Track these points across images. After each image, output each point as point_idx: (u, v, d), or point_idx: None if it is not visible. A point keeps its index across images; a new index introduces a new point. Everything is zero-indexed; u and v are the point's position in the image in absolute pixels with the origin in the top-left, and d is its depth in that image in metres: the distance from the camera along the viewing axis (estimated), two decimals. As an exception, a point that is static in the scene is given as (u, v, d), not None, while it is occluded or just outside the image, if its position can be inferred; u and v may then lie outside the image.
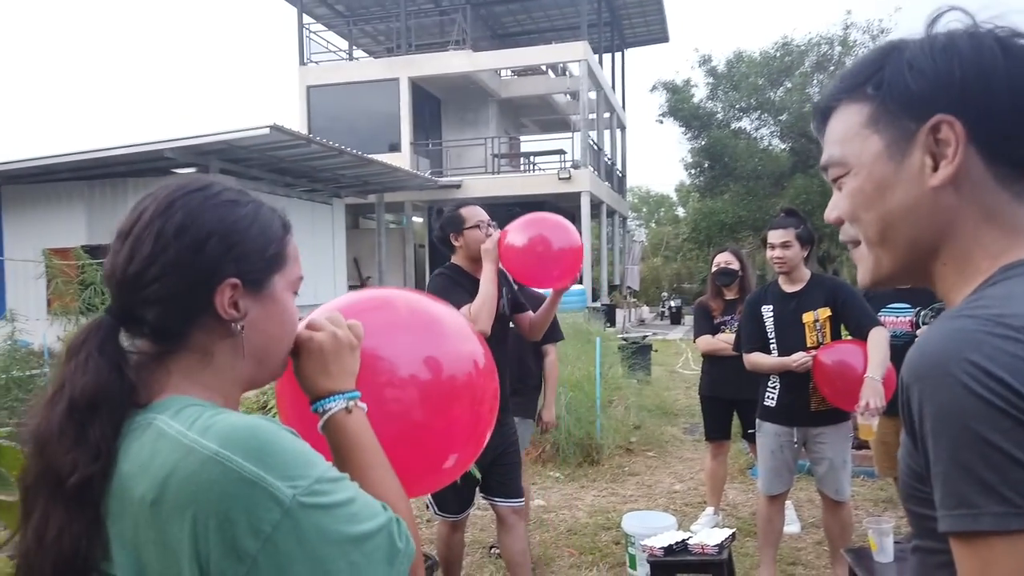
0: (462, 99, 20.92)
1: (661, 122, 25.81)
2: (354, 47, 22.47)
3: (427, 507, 3.24)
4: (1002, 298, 0.67)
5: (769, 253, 3.39)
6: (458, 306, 2.83)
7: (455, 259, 3.11)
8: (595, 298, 19.34)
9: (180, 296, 0.83)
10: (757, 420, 3.54)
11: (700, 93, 24.51)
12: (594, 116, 21.32)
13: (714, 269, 4.46)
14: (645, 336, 10.75)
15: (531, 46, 21.28)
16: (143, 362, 0.84)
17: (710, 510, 4.54)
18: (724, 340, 4.30)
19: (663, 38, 25.46)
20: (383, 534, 0.78)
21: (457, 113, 21.27)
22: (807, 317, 3.32)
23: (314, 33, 20.81)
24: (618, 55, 25.17)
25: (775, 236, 3.36)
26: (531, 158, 22.38)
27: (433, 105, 21.01)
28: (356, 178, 14.61)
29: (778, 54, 23.02)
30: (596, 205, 19.79)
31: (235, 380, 0.88)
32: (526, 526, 3.45)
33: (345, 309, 1.11)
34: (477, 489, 3.08)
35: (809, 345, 3.31)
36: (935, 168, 0.73)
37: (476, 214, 3.04)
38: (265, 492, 0.72)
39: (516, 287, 3.22)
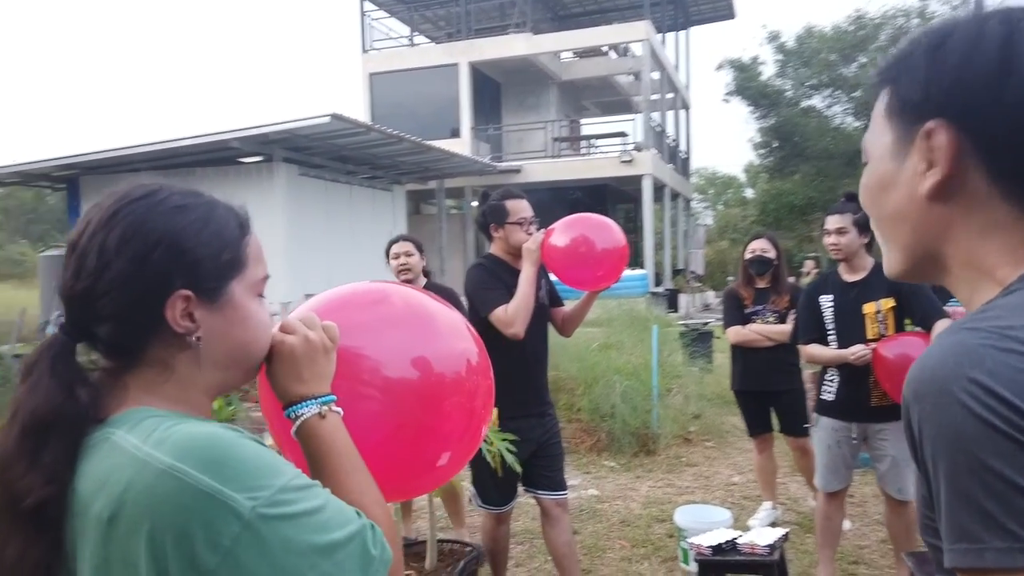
0: (522, 83, 20.81)
1: (727, 101, 25.20)
2: (415, 33, 22.59)
3: (470, 500, 3.22)
4: (1011, 308, 0.61)
5: (825, 239, 3.25)
6: (496, 301, 2.82)
7: (493, 249, 3.08)
8: (658, 283, 19.04)
9: (129, 311, 0.80)
10: (814, 414, 3.40)
11: (768, 71, 23.76)
12: (657, 97, 20.90)
13: (747, 256, 4.26)
14: (707, 323, 10.50)
15: (592, 27, 20.97)
16: (101, 378, 0.82)
17: (767, 504, 4.40)
18: (755, 331, 4.15)
19: (729, 15, 24.72)
20: (356, 542, 0.75)
21: (517, 97, 21.17)
22: (868, 308, 3.17)
23: (375, 20, 20.99)
24: (682, 34, 24.57)
25: (831, 222, 3.22)
26: (592, 141, 22.11)
27: (493, 89, 20.96)
28: (416, 164, 14.72)
29: (851, 28, 22.09)
30: (659, 188, 19.44)
31: (201, 389, 0.85)
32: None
33: (336, 304, 1.09)
34: (519, 481, 3.04)
35: (870, 337, 3.15)
36: (925, 175, 0.68)
37: (520, 209, 2.99)
38: (222, 504, 0.69)
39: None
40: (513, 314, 2.78)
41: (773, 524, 4.13)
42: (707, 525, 3.42)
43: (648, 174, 17.77)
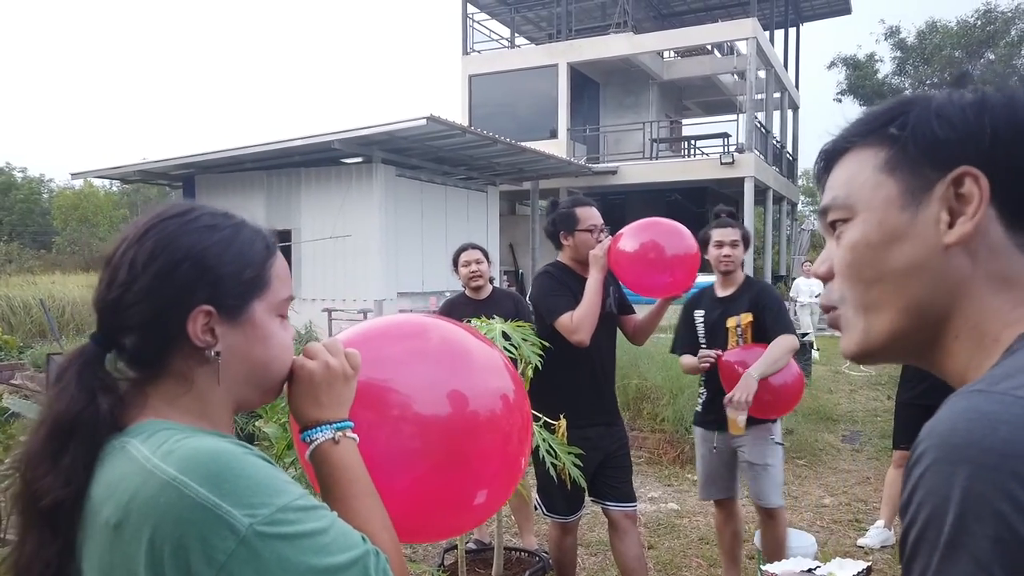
0: (622, 83, 20.57)
1: (839, 101, 24.08)
2: (516, 34, 22.73)
3: (536, 507, 3.21)
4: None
5: (716, 252, 3.23)
6: (562, 309, 2.81)
7: (561, 257, 3.06)
8: (757, 289, 18.37)
9: (153, 323, 0.83)
10: (693, 425, 3.53)
11: (885, 68, 22.52)
12: (762, 96, 20.19)
13: None
14: (806, 333, 10.05)
15: (696, 25, 20.46)
16: (125, 388, 0.85)
17: (881, 523, 4.19)
18: None
19: (844, 10, 23.58)
20: (357, 567, 0.76)
21: (616, 97, 20.94)
22: (731, 322, 3.21)
23: (477, 23, 21.26)
24: (792, 30, 23.62)
25: (727, 234, 3.22)
26: (692, 142, 21.60)
27: (592, 90, 20.83)
28: (511, 165, 14.81)
29: (978, 23, 20.62)
30: (762, 191, 18.78)
31: (220, 404, 0.88)
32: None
33: (372, 335, 1.11)
34: (586, 492, 3.00)
35: (730, 349, 3.20)
36: (951, 224, 0.66)
37: (590, 216, 2.96)
38: (219, 519, 0.70)
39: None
40: (579, 321, 2.76)
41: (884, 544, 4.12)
42: (789, 550, 3.27)
43: (750, 176, 17.18)
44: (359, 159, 12.44)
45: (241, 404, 0.91)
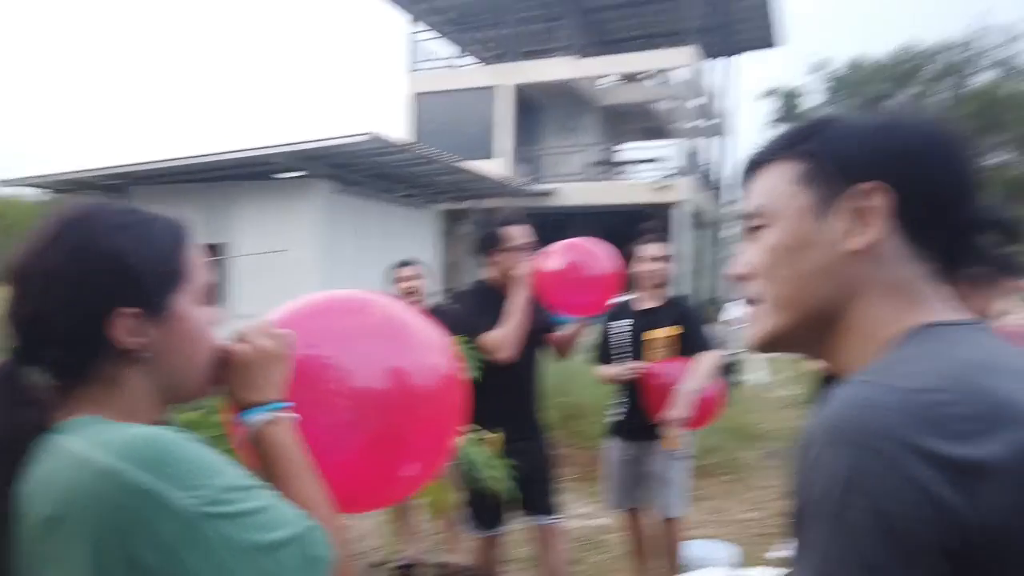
0: (563, 106, 20.92)
1: (772, 129, 24.92)
2: (464, 54, 22.89)
3: (461, 524, 3.23)
4: (904, 360, 0.67)
5: (644, 266, 3.33)
6: (485, 327, 2.85)
7: (488, 274, 3.09)
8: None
9: (76, 333, 0.82)
10: (606, 436, 3.58)
11: (814, 99, 23.48)
12: (697, 123, 20.80)
13: None
14: (735, 354, 10.36)
15: (637, 51, 21.01)
16: (51, 396, 0.84)
17: None
18: None
19: (775, 43, 24.53)
20: (299, 542, 0.78)
21: (558, 120, 21.27)
22: (656, 334, 3.31)
23: (423, 41, 21.35)
24: (728, 60, 24.44)
25: (656, 249, 3.34)
26: (629, 166, 22.07)
27: (534, 112, 21.11)
28: (452, 184, 14.87)
29: (901, 59, 21.76)
30: (695, 215, 19.31)
31: (152, 401, 0.88)
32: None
33: (309, 312, 1.12)
34: (512, 506, 3.04)
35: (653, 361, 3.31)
36: (855, 233, 0.74)
37: (515, 236, 2.99)
38: (162, 503, 0.71)
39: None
40: (503, 339, 2.81)
41: None
42: (711, 561, 3.39)
43: (683, 200, 17.66)
44: (298, 174, 12.32)
45: (174, 398, 0.90)
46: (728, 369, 9.29)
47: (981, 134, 20.84)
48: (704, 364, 3.15)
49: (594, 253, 2.91)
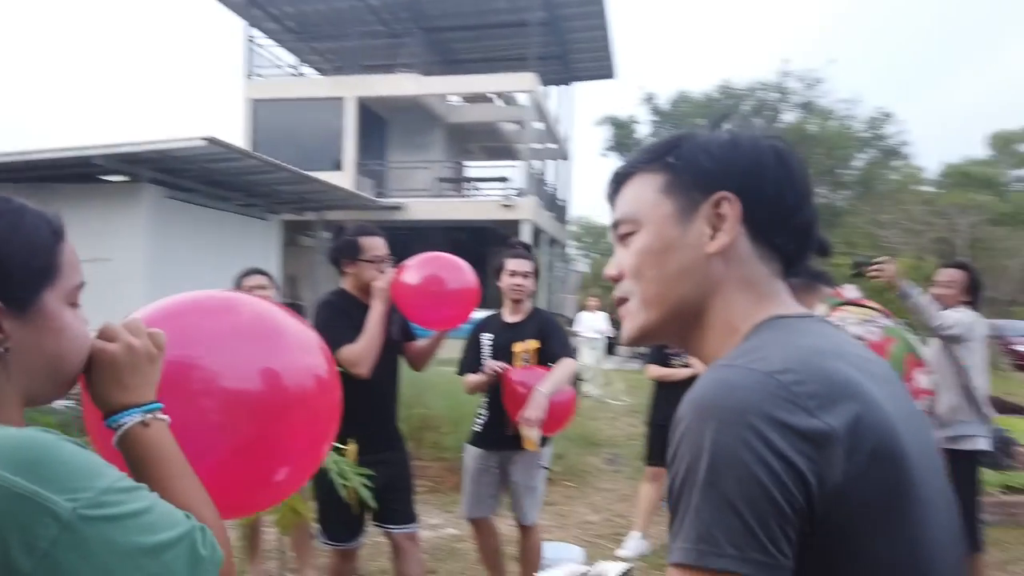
0: (409, 122, 20.95)
1: (605, 156, 26.29)
2: (302, 63, 22.32)
3: (314, 536, 3.16)
4: (756, 348, 0.76)
5: (509, 280, 3.44)
6: (342, 340, 2.80)
7: (344, 284, 3.06)
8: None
9: None
10: (465, 444, 3.61)
11: (644, 130, 25.10)
12: (539, 146, 21.58)
13: None
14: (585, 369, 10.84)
15: (481, 74, 21.49)
16: None
17: (638, 534, 4.61)
18: (664, 373, 4.54)
19: (610, 74, 26.00)
20: (184, 543, 0.76)
21: (404, 136, 21.26)
22: (518, 347, 3.44)
23: (261, 47, 20.59)
24: (566, 88, 25.57)
25: (520, 264, 3.45)
26: (475, 184, 22.48)
27: (380, 126, 20.97)
28: (295, 195, 14.42)
29: (719, 96, 23.81)
30: (537, 233, 19.98)
31: (11, 401, 0.83)
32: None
33: (177, 311, 1.08)
34: (368, 517, 3.02)
35: None
36: (712, 237, 0.83)
37: (374, 246, 2.99)
38: (39, 507, 0.68)
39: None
40: (359, 354, 2.78)
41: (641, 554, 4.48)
42: (557, 563, 3.54)
43: (527, 219, 18.24)
44: (123, 178, 11.44)
45: (33, 399, 0.86)
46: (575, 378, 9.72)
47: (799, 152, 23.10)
48: (561, 370, 3.26)
49: (454, 267, 2.93)
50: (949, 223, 31.50)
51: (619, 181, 0.91)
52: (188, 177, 12.09)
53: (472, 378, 3.49)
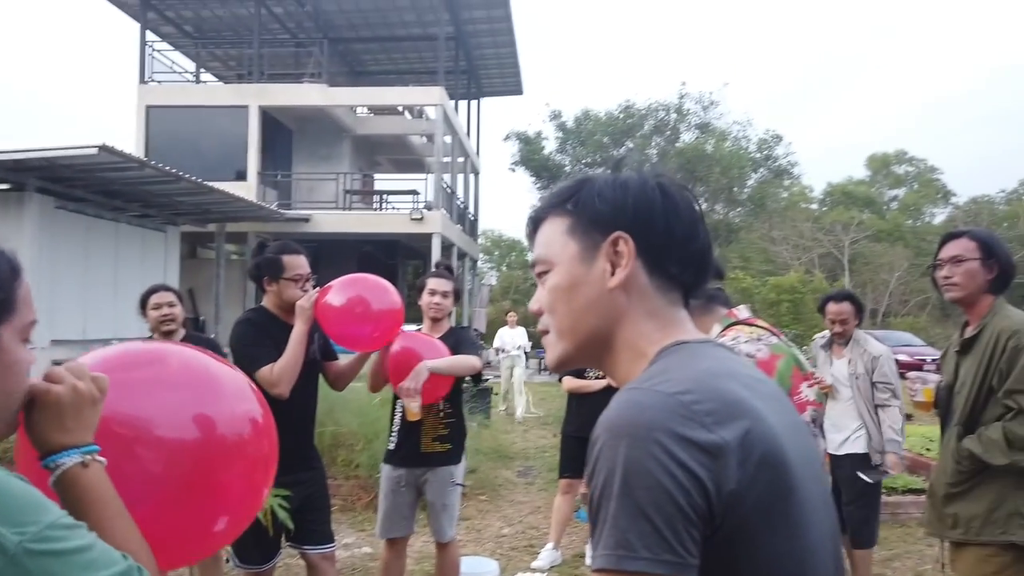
0: (316, 132, 20.57)
1: (513, 170, 26.63)
2: (202, 70, 21.57)
3: (227, 559, 3.09)
4: (663, 372, 0.84)
5: (428, 299, 3.49)
6: (262, 360, 2.77)
7: (265, 302, 3.03)
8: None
9: None
10: (381, 463, 3.59)
11: (550, 146, 25.59)
12: (448, 160, 21.63)
13: None
14: (487, 379, 10.89)
15: (389, 86, 21.37)
16: None
17: (551, 545, 4.69)
18: (579, 385, 4.61)
19: (517, 90, 26.40)
20: None
21: (310, 146, 20.86)
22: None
23: (158, 52, 19.77)
24: (474, 103, 25.78)
25: (441, 284, 3.51)
26: (384, 196, 22.30)
27: (284, 136, 20.49)
28: (195, 205, 13.90)
29: (621, 115, 24.57)
30: (447, 247, 20.00)
31: None
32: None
33: (111, 363, 1.09)
34: (283, 538, 2.98)
35: None
36: (612, 273, 0.91)
37: (297, 265, 2.96)
38: None
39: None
40: (279, 375, 2.75)
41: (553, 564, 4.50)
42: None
43: (437, 233, 18.22)
44: (6, 186, 10.74)
45: None
46: (483, 393, 9.76)
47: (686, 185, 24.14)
48: (458, 358, 3.25)
49: (379, 288, 2.94)
50: (834, 239, 33.63)
51: (534, 224, 0.99)
52: (80, 186, 11.48)
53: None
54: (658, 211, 0.91)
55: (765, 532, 0.77)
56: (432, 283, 3.50)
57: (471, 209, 25.29)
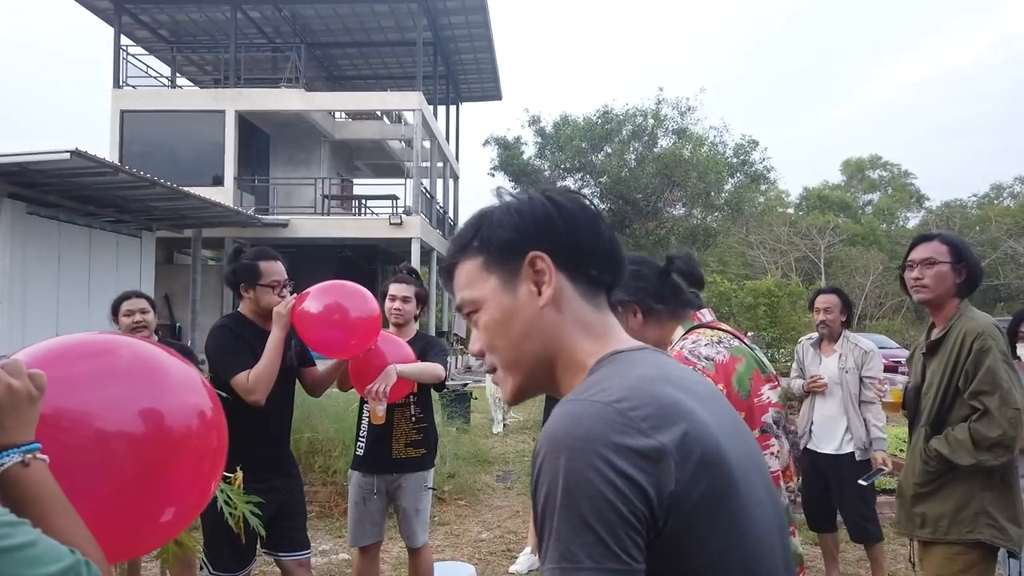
0: (293, 137, 20.47)
1: (493, 175, 26.66)
2: (177, 74, 21.38)
3: (202, 567, 3.06)
4: (600, 382, 0.86)
5: (389, 305, 3.49)
6: (238, 366, 2.77)
7: (242, 308, 3.02)
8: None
9: None
10: (350, 471, 3.57)
11: (529, 151, 25.64)
12: (427, 164, 21.61)
13: None
14: (466, 384, 10.88)
15: (367, 91, 21.30)
16: None
17: (528, 549, 4.70)
18: None
19: (496, 96, 26.44)
20: (71, 575, 0.78)
21: (287, 151, 20.75)
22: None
23: (133, 56, 19.56)
24: (453, 108, 25.79)
25: (401, 290, 3.50)
26: (363, 201, 22.22)
27: (262, 141, 20.36)
28: (171, 211, 13.76)
29: (599, 121, 24.67)
30: (427, 252, 19.97)
31: None
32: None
33: (55, 355, 1.08)
34: (258, 545, 2.96)
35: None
36: (540, 292, 0.93)
37: (273, 271, 2.95)
38: None
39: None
40: (255, 382, 2.74)
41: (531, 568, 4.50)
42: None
43: (416, 237, 18.19)
44: (-24, 192, 10.57)
45: None
46: (463, 398, 9.74)
47: (664, 190, 24.38)
48: (425, 365, 3.25)
49: (356, 295, 2.93)
50: (811, 243, 34.03)
51: (448, 273, 1.00)
52: (53, 192, 11.33)
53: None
54: (557, 222, 0.93)
55: (709, 529, 0.79)
56: (393, 288, 3.48)
57: (451, 214, 25.26)
